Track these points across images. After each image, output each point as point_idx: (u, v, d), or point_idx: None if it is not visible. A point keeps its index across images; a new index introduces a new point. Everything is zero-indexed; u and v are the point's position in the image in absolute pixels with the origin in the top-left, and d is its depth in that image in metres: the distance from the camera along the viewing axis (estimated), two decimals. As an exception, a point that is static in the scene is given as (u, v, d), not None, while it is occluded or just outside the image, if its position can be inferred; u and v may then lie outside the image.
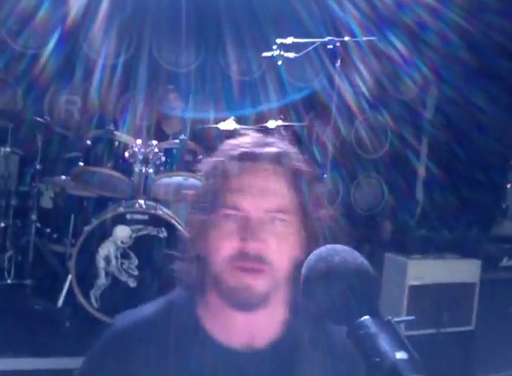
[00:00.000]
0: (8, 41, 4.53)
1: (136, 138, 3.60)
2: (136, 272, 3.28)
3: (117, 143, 3.52)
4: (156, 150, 3.56)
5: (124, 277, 3.28)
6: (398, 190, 5.52)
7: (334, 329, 1.00)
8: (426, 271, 3.49)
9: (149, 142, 3.65)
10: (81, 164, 3.54)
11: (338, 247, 0.82)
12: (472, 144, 4.76)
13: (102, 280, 3.26)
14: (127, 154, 3.49)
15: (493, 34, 4.45)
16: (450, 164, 5.05)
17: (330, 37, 3.03)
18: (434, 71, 5.22)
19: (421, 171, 5.67)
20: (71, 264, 3.24)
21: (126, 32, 4.84)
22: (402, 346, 0.67)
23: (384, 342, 0.66)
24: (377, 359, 0.65)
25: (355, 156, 5.48)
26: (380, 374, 0.64)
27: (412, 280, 3.51)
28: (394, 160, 5.57)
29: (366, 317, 0.71)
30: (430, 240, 4.02)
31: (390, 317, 0.71)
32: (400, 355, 0.65)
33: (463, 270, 3.58)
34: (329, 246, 0.83)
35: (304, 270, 0.81)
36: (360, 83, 5.12)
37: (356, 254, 0.80)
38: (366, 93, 5.26)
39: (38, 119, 3.82)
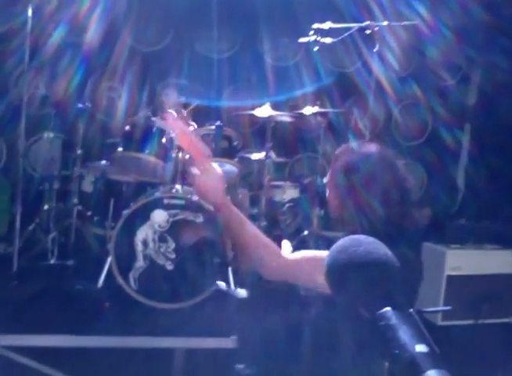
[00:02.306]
0: (50, 29, 4.64)
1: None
2: (173, 256, 3.35)
3: (154, 129, 3.57)
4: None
5: (161, 260, 3.36)
6: (439, 178, 5.39)
7: None
8: (464, 261, 3.42)
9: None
10: (120, 149, 3.61)
11: (362, 237, 0.82)
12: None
13: (140, 263, 3.35)
14: (164, 140, 3.54)
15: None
16: (493, 151, 4.88)
17: (368, 22, 2.97)
18: (477, 57, 5.03)
19: (463, 158, 5.50)
20: (111, 246, 3.33)
21: (164, 20, 4.87)
22: (423, 339, 0.67)
23: (404, 335, 0.66)
24: (396, 352, 0.65)
25: (394, 143, 5.37)
26: (399, 366, 0.64)
27: (450, 270, 3.44)
28: (434, 147, 5.42)
29: (387, 309, 0.71)
30: (470, 229, 3.92)
31: (411, 310, 0.71)
32: (420, 348, 0.64)
33: (503, 261, 3.48)
34: (352, 236, 0.83)
35: (327, 260, 0.82)
36: (399, 69, 4.99)
37: (380, 245, 0.80)
38: (405, 79, 5.12)
39: (80, 105, 3.91)
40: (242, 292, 1.80)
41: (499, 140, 4.74)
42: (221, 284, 1.83)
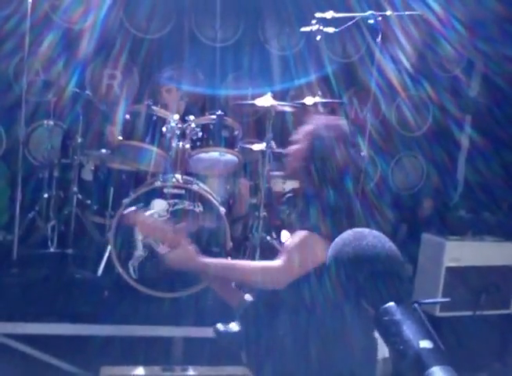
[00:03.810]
0: (51, 15, 4.60)
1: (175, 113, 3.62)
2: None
3: (155, 118, 3.55)
4: (193, 125, 3.57)
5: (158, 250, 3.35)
6: (440, 169, 5.38)
7: None
8: (464, 253, 3.42)
9: (187, 118, 3.67)
10: (120, 138, 3.60)
11: (366, 231, 0.81)
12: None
13: (139, 252, 3.34)
14: (164, 129, 3.52)
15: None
16: (494, 143, 4.86)
17: (371, 12, 2.94)
18: (480, 47, 4.99)
19: (464, 150, 5.49)
20: (110, 235, 3.33)
21: (166, 7, 4.83)
22: (427, 335, 0.66)
23: (408, 330, 0.66)
24: (401, 347, 0.64)
25: (396, 133, 5.35)
26: (403, 362, 0.63)
27: (449, 262, 3.45)
28: (436, 138, 5.40)
29: (391, 304, 0.70)
30: (470, 221, 3.92)
31: (416, 305, 0.70)
32: (424, 344, 0.64)
33: (502, 253, 3.49)
34: (356, 230, 0.82)
35: (330, 253, 0.81)
36: (402, 59, 4.96)
37: (384, 239, 0.79)
38: (408, 69, 5.09)
39: (78, 92, 3.89)
40: (234, 326, 1.84)
41: (500, 132, 4.72)
42: (219, 328, 1.87)
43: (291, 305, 1.70)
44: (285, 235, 2.08)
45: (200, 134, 3.56)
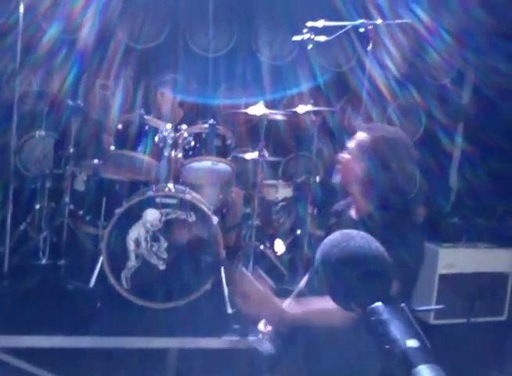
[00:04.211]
0: (44, 25, 4.60)
1: (167, 122, 3.63)
2: (165, 255, 3.33)
3: (147, 127, 3.55)
4: (185, 134, 3.58)
5: (153, 260, 3.33)
6: (432, 177, 5.40)
7: None
8: (457, 260, 3.42)
9: (179, 127, 3.67)
10: (113, 147, 3.59)
11: (354, 232, 0.81)
12: (510, 130, 4.59)
13: (132, 262, 3.33)
14: (157, 138, 3.52)
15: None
16: (486, 150, 4.89)
17: (362, 20, 2.96)
18: (469, 49, 5.03)
19: (456, 157, 5.51)
20: (103, 246, 3.31)
21: (159, 18, 4.85)
22: (414, 334, 0.66)
23: (395, 330, 0.65)
24: (388, 347, 0.64)
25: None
26: (390, 361, 0.63)
27: (442, 269, 3.45)
28: (428, 146, 5.42)
29: (378, 304, 0.70)
30: (464, 228, 3.93)
31: (403, 304, 0.70)
32: (411, 343, 0.63)
33: (495, 260, 3.49)
34: (344, 231, 0.82)
35: (318, 255, 0.80)
36: (393, 67, 4.99)
37: (372, 240, 0.79)
38: (399, 78, 5.12)
39: (71, 103, 3.88)
40: (268, 347, 1.80)
41: (492, 139, 4.75)
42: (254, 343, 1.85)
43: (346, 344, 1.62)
44: (278, 244, 2.07)
45: (193, 143, 3.57)
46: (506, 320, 3.37)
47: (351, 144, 1.90)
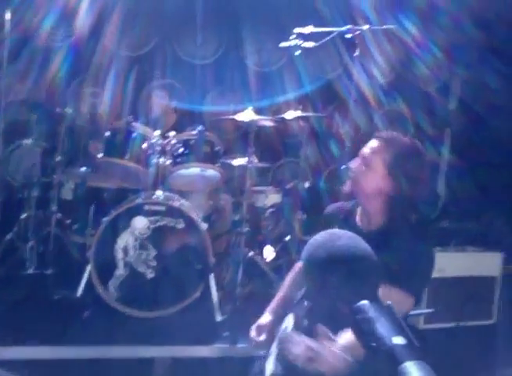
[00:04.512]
0: (32, 33, 4.58)
1: (156, 129, 3.62)
2: (154, 263, 3.30)
3: (135, 135, 3.53)
4: (173, 141, 3.57)
5: (142, 268, 3.30)
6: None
7: None
8: (446, 264, 3.43)
9: (167, 134, 3.66)
10: (101, 155, 3.56)
11: (340, 232, 0.80)
12: (496, 136, 4.64)
13: (120, 271, 3.29)
14: (145, 145, 3.50)
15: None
16: (473, 155, 4.93)
17: (349, 26, 2.98)
18: (457, 62, 5.10)
19: (443, 163, 5.55)
20: (90, 254, 3.27)
21: (146, 25, 4.85)
22: (400, 331, 0.65)
23: (381, 327, 0.65)
24: (374, 344, 0.63)
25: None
26: (377, 358, 0.62)
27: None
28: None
29: (364, 302, 0.69)
30: (452, 232, 3.95)
31: (389, 302, 0.69)
32: (397, 340, 0.63)
33: (484, 263, 3.51)
34: (330, 231, 0.81)
35: (304, 255, 0.80)
36: (379, 73, 5.03)
37: (357, 239, 0.78)
38: (385, 85, 5.16)
39: (58, 111, 3.86)
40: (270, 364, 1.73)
41: (478, 146, 4.80)
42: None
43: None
44: (268, 250, 2.05)
45: (181, 150, 3.55)
46: (495, 324, 3.38)
47: (366, 153, 1.82)
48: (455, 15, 4.61)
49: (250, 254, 3.53)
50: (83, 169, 3.90)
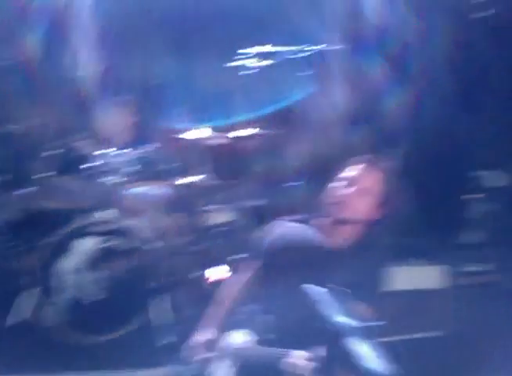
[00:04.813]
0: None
1: (108, 147, 3.56)
2: (104, 285, 3.22)
3: (86, 152, 3.47)
4: (127, 158, 3.52)
5: (91, 290, 3.21)
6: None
7: None
8: (392, 278, 3.49)
9: (121, 151, 3.61)
10: (49, 174, 3.47)
11: (290, 224, 0.82)
12: (437, 151, 4.79)
13: (68, 294, 3.18)
14: (97, 163, 3.44)
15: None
16: (414, 171, 5.07)
17: (307, 46, 3.01)
18: (411, 85, 5.26)
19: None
20: (36, 278, 3.16)
21: (103, 43, 4.81)
22: (343, 311, 0.66)
23: (325, 308, 0.65)
24: (319, 324, 0.64)
25: (329, 166, 5.47)
26: (322, 338, 0.63)
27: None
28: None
29: (310, 285, 0.70)
30: (395, 247, 4.03)
31: (333, 285, 0.70)
32: (341, 319, 0.63)
33: (427, 276, 3.60)
34: (281, 222, 0.82)
35: (263, 246, 0.80)
36: (337, 94, 5.12)
37: (306, 228, 0.80)
38: (343, 104, 5.26)
39: (2, 129, 3.74)
40: None
41: (419, 160, 4.92)
42: None
43: None
44: (223, 270, 2.05)
45: (135, 167, 3.52)
46: (441, 336, 3.45)
47: (354, 178, 1.80)
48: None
49: (202, 273, 3.49)
50: (29, 189, 3.77)
